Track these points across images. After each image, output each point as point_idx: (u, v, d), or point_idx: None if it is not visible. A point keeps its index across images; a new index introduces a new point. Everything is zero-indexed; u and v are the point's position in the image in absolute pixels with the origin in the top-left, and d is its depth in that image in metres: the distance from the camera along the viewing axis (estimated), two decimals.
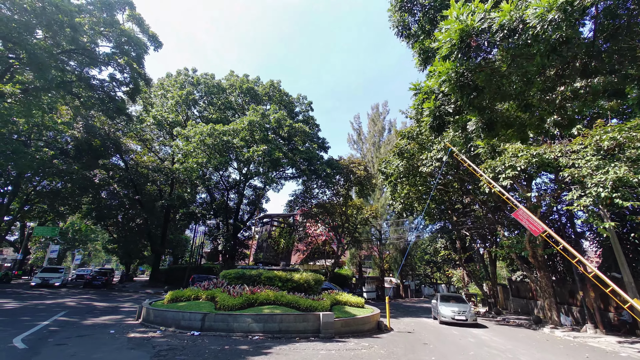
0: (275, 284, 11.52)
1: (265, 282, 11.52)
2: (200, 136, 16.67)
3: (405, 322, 14.53)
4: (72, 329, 8.28)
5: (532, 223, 10.72)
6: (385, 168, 18.67)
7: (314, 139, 23.74)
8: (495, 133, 6.17)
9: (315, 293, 12.13)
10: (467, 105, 5.38)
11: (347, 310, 11.04)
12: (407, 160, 17.84)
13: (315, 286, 12.25)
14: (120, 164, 27.35)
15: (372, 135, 46.75)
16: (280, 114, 20.76)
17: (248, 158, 17.46)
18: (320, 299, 10.63)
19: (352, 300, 12.05)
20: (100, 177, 25.40)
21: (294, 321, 8.89)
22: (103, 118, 23.48)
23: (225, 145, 17.58)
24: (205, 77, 22.44)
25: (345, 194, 29.38)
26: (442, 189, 25.77)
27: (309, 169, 21.44)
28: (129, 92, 15.91)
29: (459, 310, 14.35)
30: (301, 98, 25.74)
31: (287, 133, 20.74)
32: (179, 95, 20.22)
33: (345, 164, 27.82)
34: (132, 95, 16.23)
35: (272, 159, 18.07)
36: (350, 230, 31.11)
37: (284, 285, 11.59)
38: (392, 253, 42.26)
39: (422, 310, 23.06)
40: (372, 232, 40.34)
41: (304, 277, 11.98)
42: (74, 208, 29.95)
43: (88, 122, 21.59)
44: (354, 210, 30.51)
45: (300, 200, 29.81)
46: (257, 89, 24.44)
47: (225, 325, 8.48)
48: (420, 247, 49.27)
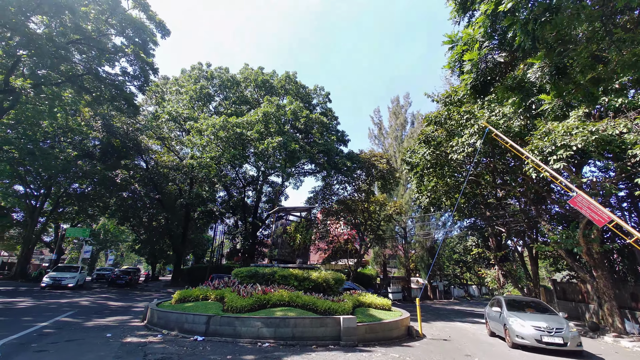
0: (290, 283, 10.39)
1: (279, 281, 10.43)
2: (213, 129, 15.95)
3: (438, 328, 12.93)
4: (68, 331, 7.58)
5: (594, 212, 8.83)
6: (410, 157, 17.06)
7: (332, 131, 22.51)
8: (567, 80, 4.64)
9: (335, 294, 10.88)
10: (528, 41, 3.93)
11: (371, 313, 9.70)
12: (435, 148, 16.14)
13: (335, 286, 11.01)
14: (141, 164, 27.50)
15: (393, 129, 44.79)
16: (296, 105, 19.72)
17: (263, 151, 16.51)
18: (341, 300, 9.38)
19: (377, 302, 10.68)
20: (122, 177, 25.57)
21: (310, 326, 7.69)
22: (124, 118, 23.57)
23: (239, 138, 16.76)
24: (220, 71, 21.86)
25: (367, 190, 27.89)
26: (473, 181, 23.61)
27: (328, 162, 20.22)
28: (139, 85, 15.50)
29: (549, 328, 8.56)
30: (318, 89, 24.60)
31: (303, 125, 19.66)
32: (193, 90, 19.73)
33: (366, 157, 26.34)
34: (141, 87, 15.84)
35: (288, 151, 17.03)
36: (373, 228, 29.54)
37: (301, 284, 10.43)
38: (418, 252, 40.09)
39: (454, 314, 21.13)
40: (397, 230, 38.42)
41: (322, 276, 10.77)
42: (103, 209, 30.68)
43: (106, 121, 21.63)
44: (377, 207, 28.92)
45: (320, 197, 28.69)
46: (272, 82, 23.58)
47: (232, 330, 7.44)
48: (448, 245, 46.56)
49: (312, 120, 19.80)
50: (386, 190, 27.54)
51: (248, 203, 26.84)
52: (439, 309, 24.55)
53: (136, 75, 14.95)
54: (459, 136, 14.90)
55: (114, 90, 14.26)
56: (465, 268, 51.57)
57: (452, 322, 16.28)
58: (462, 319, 17.99)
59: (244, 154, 16.89)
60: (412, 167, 17.42)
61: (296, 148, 17.35)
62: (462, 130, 15.24)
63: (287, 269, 10.82)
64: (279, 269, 10.69)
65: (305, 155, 19.45)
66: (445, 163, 18.26)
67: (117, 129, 22.53)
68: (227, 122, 16.22)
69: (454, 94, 14.86)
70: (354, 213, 28.96)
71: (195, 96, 20.10)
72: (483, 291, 60.61)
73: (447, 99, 15.26)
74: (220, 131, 16.14)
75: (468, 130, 14.05)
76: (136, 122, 22.95)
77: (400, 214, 29.53)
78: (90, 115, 20.83)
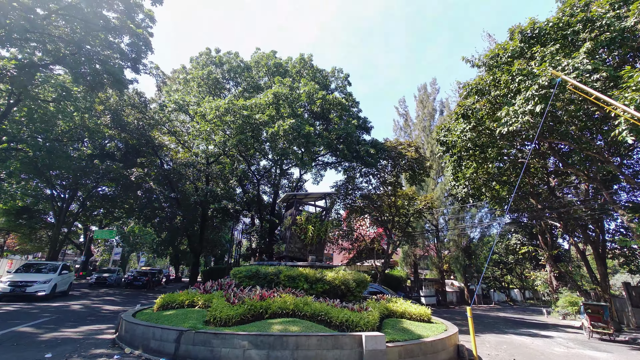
0: (299, 285, 8.16)
1: (285, 282, 8.24)
2: (217, 112, 14.21)
3: (492, 344, 10.13)
4: (2, 349, 5.86)
5: None
6: (444, 137, 14.23)
7: (352, 115, 20.10)
8: None
9: (357, 300, 8.52)
10: None
11: (406, 327, 7.21)
12: (476, 123, 13.25)
13: (357, 290, 8.63)
14: (156, 162, 26.69)
15: (421, 119, 41.46)
16: (310, 86, 17.59)
17: (273, 135, 14.49)
18: (363, 308, 7.01)
19: (412, 311, 8.16)
20: (137, 175, 24.79)
21: (319, 347, 5.39)
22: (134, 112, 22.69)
23: (246, 122, 14.88)
24: (229, 56, 20.25)
25: (393, 182, 25.14)
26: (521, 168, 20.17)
27: (348, 149, 17.86)
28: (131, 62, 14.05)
29: None
30: (336, 72, 22.32)
31: (319, 107, 17.46)
32: (199, 76, 18.26)
33: (391, 145, 23.66)
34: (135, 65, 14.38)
35: (302, 135, 14.89)
36: (402, 225, 26.66)
37: (312, 287, 8.17)
38: (453, 251, 36.35)
39: (502, 323, 17.84)
40: (427, 228, 35.06)
41: (340, 277, 8.44)
42: (129, 212, 30.40)
43: (115, 116, 20.76)
44: (405, 201, 26.05)
45: (342, 191, 26.32)
46: (286, 67, 21.66)
47: (208, 352, 5.32)
48: (486, 245, 42.17)
49: (329, 102, 17.53)
50: (415, 182, 24.59)
51: (264, 199, 25.08)
52: (482, 317, 21.25)
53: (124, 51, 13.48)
54: (508, 105, 11.98)
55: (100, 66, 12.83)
56: (505, 270, 46.74)
57: (506, 334, 13.25)
58: (516, 330, 14.84)
59: (252, 139, 14.98)
60: (447, 148, 14.58)
61: (310, 131, 15.16)
62: (512, 98, 12.30)
63: (295, 268, 8.61)
64: (285, 268, 8.51)
65: (323, 142, 17.21)
66: (488, 144, 15.25)
67: (128, 124, 21.63)
68: (233, 104, 14.41)
69: (502, 52, 11.94)
70: (379, 209, 26.30)
71: (203, 83, 18.56)
72: (527, 295, 54.87)
73: (491, 60, 12.37)
74: (225, 115, 14.36)
75: (523, 94, 11.12)
76: (147, 116, 21.93)
77: (432, 209, 26.40)
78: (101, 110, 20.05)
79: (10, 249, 42.29)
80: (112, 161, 25.24)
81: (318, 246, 9.92)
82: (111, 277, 26.48)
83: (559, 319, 23.60)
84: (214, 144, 15.10)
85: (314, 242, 9.74)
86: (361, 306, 7.07)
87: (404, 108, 43.26)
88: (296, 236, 9.70)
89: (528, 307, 38.66)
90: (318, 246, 9.92)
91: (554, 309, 25.57)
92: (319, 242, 9.92)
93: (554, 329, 16.75)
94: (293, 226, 9.72)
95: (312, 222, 9.78)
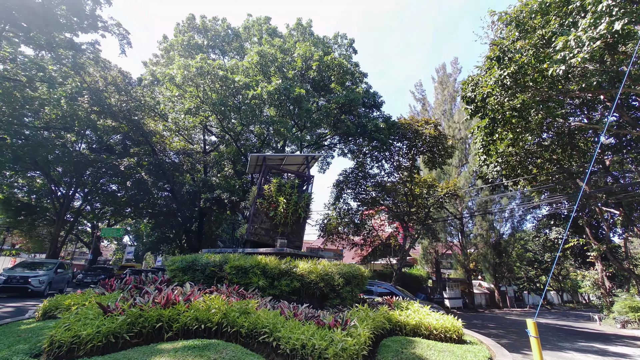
0: (252, 281, 5.27)
1: (232, 277, 5.37)
2: (186, 72, 11.64)
3: None
4: None
5: None
6: (472, 92, 10.81)
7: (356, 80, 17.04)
8: None
9: (345, 303, 5.52)
10: None
11: (420, 355, 4.13)
12: (517, 71, 9.81)
13: (345, 289, 5.62)
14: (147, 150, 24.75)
15: (440, 102, 37.67)
16: (306, 47, 14.74)
17: (255, 98, 11.71)
18: (342, 321, 4.00)
19: (431, 324, 5.05)
20: (127, 165, 22.88)
21: None
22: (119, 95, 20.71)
23: (224, 85, 12.19)
24: (215, 21, 17.72)
25: (409, 167, 21.78)
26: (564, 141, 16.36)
27: (352, 121, 14.83)
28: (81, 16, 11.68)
29: None
30: (339, 38, 19.28)
31: (316, 72, 14.54)
32: (179, 42, 15.81)
33: (406, 122, 20.33)
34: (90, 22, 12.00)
35: (292, 99, 12.02)
36: (420, 217, 23.19)
37: (273, 285, 5.28)
38: (481, 248, 32.23)
39: (551, 333, 14.05)
40: (450, 221, 31.20)
41: (319, 270, 5.48)
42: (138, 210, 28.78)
43: (96, 96, 18.75)
44: (424, 189, 22.57)
45: (351, 180, 23.25)
46: (281, 34, 18.89)
47: None
48: (519, 241, 37.54)
49: (327, 66, 14.54)
50: (435, 165, 21.11)
51: None
52: (521, 324, 17.52)
53: None
54: (565, 34, 8.54)
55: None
56: (540, 270, 41.73)
57: (564, 351, 9.73)
58: (573, 345, 11.25)
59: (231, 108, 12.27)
60: (476, 107, 11.17)
61: (302, 94, 12.26)
62: (569, 28, 8.84)
63: (252, 257, 5.73)
64: (235, 257, 5.64)
65: (321, 112, 14.26)
66: (530, 104, 11.72)
67: (111, 106, 19.62)
68: (207, 63, 11.81)
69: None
70: (394, 198, 22.99)
71: (183, 51, 16.09)
72: (565, 298, 49.29)
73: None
74: (198, 77, 11.78)
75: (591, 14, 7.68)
76: (132, 98, 19.85)
77: (456, 197, 22.74)
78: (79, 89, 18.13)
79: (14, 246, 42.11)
80: (109, 153, 23.59)
81: (294, 227, 7.00)
82: (39, 278, 13.98)
83: (617, 327, 19.46)
84: (185, 111, 12.57)
85: (288, 221, 6.82)
86: (340, 318, 4.03)
87: (420, 92, 39.53)
88: (262, 213, 6.83)
89: (568, 312, 33.87)
90: (294, 227, 7.00)
91: (607, 315, 21.32)
92: (296, 221, 6.99)
93: (622, 342, 13.01)
94: (258, 199, 6.87)
95: (286, 194, 6.87)
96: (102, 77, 20.79)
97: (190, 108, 12.55)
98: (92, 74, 21.25)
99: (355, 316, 4.18)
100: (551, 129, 16.38)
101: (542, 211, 32.11)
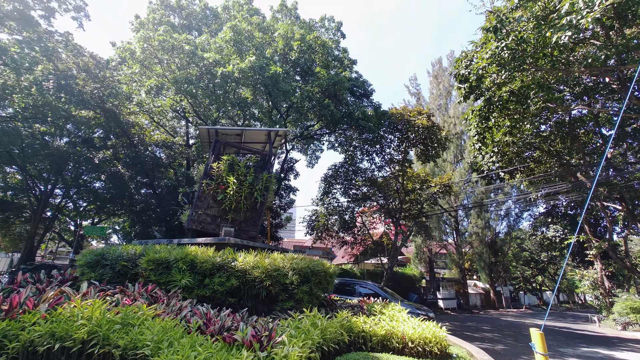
0: (174, 279, 4.05)
1: (149, 274, 4.14)
2: (145, 44, 10.37)
3: None
4: None
5: None
6: (465, 69, 9.59)
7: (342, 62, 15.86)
8: None
9: (305, 306, 4.30)
10: None
11: None
12: (516, 42, 8.65)
13: (301, 289, 4.42)
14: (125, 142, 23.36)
15: (435, 97, 36.70)
16: (287, 26, 13.55)
17: (226, 76, 10.48)
18: (260, 336, 2.81)
19: (408, 334, 3.88)
20: (102, 158, 21.51)
21: None
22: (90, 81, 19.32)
23: (191, 62, 10.94)
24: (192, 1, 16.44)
25: (401, 160, 20.70)
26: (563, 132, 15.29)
27: (336, 106, 13.66)
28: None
29: None
30: (326, 21, 18.08)
31: (298, 52, 13.31)
32: (150, 20, 14.42)
33: (397, 112, 19.23)
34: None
35: (267, 77, 10.80)
36: (413, 214, 22.08)
37: (203, 283, 4.05)
38: (476, 247, 31.18)
39: (550, 335, 12.89)
40: (445, 219, 30.12)
41: (266, 264, 4.27)
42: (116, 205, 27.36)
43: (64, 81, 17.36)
44: (416, 185, 21.47)
45: (341, 175, 22.13)
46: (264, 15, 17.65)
47: None
48: (516, 239, 36.55)
49: (310, 46, 13.33)
50: (428, 159, 20.04)
51: None
52: (518, 326, 16.41)
53: None
54: None
55: None
56: (537, 270, 40.81)
57: (567, 358, 8.62)
58: (575, 350, 10.17)
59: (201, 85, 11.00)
60: (470, 86, 10.01)
61: (279, 72, 11.04)
62: None
63: (178, 249, 4.50)
64: (154, 249, 4.40)
65: (302, 95, 13.04)
66: (530, 86, 10.62)
67: (82, 93, 18.23)
68: (172, 37, 10.53)
69: None
70: (385, 194, 21.88)
71: (153, 28, 14.67)
72: (561, 298, 48.49)
73: None
74: (161, 52, 10.53)
75: None
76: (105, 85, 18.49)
77: (450, 193, 21.67)
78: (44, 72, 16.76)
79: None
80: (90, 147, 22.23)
81: (249, 214, 5.76)
82: None
83: (618, 329, 18.52)
84: (145, 90, 11.32)
85: (241, 206, 5.59)
86: (260, 334, 2.79)
87: (415, 87, 38.46)
88: (209, 196, 5.60)
89: (565, 312, 32.95)
90: (249, 214, 5.76)
91: (607, 316, 20.36)
92: (251, 207, 5.76)
93: (627, 347, 12.00)
94: (205, 180, 5.64)
95: (240, 174, 5.65)
96: (74, 63, 19.41)
97: (151, 86, 11.26)
98: (64, 60, 19.88)
99: (292, 327, 2.97)
100: (550, 119, 15.38)
101: (539, 209, 31.20)
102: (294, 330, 2.86)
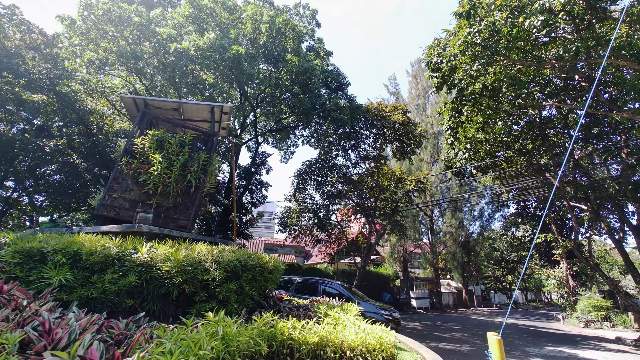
0: (41, 276, 3.12)
1: (18, 269, 3.18)
2: (86, 11, 9.17)
3: None
4: None
5: None
6: (438, 57, 9.11)
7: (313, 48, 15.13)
8: None
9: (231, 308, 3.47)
10: None
11: None
12: (490, 33, 8.27)
13: (224, 288, 3.60)
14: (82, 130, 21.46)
15: (414, 97, 36.81)
16: (256, 7, 12.66)
17: (180, 53, 9.44)
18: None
19: (348, 341, 3.19)
20: (53, 146, 19.58)
21: None
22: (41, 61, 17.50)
23: (142, 36, 9.82)
24: None
25: (377, 157, 20.28)
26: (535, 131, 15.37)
27: (305, 94, 12.89)
28: None
29: None
30: (301, 8, 17.29)
31: (267, 35, 12.44)
32: None
33: (373, 107, 18.76)
34: None
35: (228, 58, 9.85)
36: (387, 211, 21.74)
37: (89, 281, 3.15)
38: (450, 247, 31.44)
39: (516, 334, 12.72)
40: (420, 219, 30.12)
41: (179, 257, 3.42)
42: (71, 199, 25.10)
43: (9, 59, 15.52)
44: (392, 182, 21.15)
45: (316, 171, 21.40)
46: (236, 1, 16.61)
47: None
48: (488, 240, 37.31)
49: (279, 30, 12.49)
50: (403, 156, 19.72)
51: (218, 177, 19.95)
52: (487, 325, 16.33)
53: None
54: None
55: None
56: (507, 269, 41.97)
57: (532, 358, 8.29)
58: (541, 350, 9.95)
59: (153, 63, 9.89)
60: (443, 76, 9.56)
61: (240, 52, 10.13)
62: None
63: (62, 238, 3.55)
64: (26, 238, 3.43)
65: (270, 81, 12.16)
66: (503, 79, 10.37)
67: (30, 73, 16.42)
68: (119, 6, 9.35)
69: None
70: (360, 192, 21.39)
71: None
72: (529, 297, 50.27)
73: None
74: (105, 23, 9.30)
75: None
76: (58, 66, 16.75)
77: (424, 191, 21.48)
78: None
79: None
80: (48, 136, 20.18)
81: (180, 200, 4.85)
82: None
83: (581, 326, 18.96)
84: (86, 64, 10.06)
85: (169, 190, 4.69)
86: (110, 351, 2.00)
87: (394, 86, 38.36)
88: (129, 177, 4.67)
89: (532, 311, 33.95)
90: (180, 200, 4.85)
91: (571, 314, 20.88)
92: (183, 192, 4.87)
93: (588, 344, 12.05)
94: (124, 157, 4.70)
95: (170, 152, 4.74)
96: (21, 40, 17.52)
97: (92, 60, 10.01)
98: (10, 37, 17.90)
99: (175, 338, 2.16)
100: (522, 118, 15.39)
101: (510, 209, 31.86)
102: (172, 343, 2.06)
